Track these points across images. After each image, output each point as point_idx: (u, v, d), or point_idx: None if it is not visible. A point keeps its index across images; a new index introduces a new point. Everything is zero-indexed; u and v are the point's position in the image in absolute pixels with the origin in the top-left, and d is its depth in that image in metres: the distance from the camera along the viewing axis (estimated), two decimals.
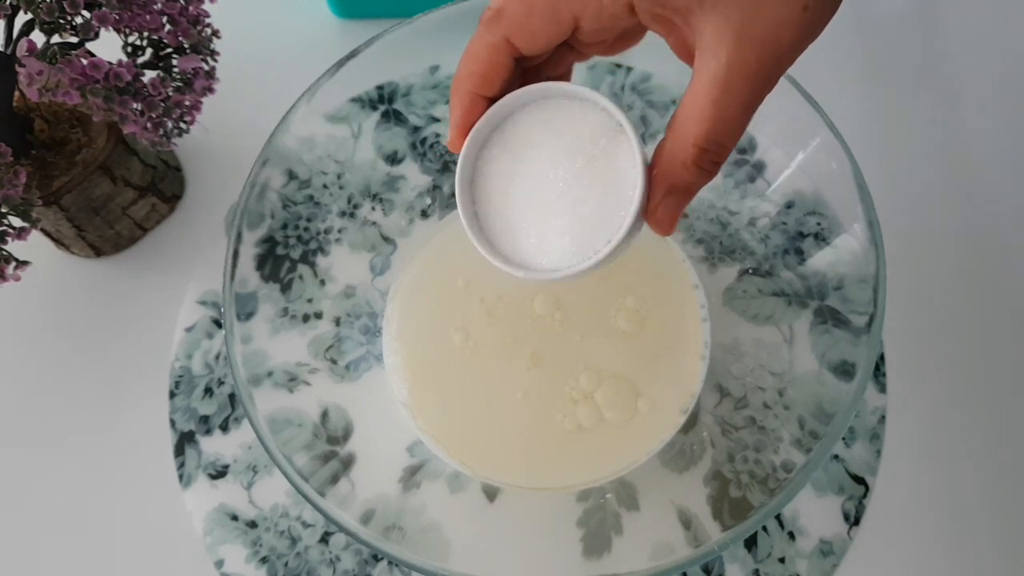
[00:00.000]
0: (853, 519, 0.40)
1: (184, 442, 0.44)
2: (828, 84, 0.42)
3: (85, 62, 0.37)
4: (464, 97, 0.28)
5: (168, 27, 0.39)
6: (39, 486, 0.44)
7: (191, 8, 0.39)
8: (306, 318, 0.43)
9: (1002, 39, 0.54)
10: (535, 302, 0.43)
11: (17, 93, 0.41)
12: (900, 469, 0.42)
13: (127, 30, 0.38)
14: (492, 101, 0.28)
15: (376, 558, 0.41)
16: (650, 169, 0.26)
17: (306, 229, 0.45)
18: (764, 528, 0.40)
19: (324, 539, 0.41)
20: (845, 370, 0.37)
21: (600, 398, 0.41)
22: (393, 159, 0.47)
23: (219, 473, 0.43)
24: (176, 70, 0.40)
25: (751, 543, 0.40)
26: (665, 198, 0.25)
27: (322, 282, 0.44)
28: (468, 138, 0.28)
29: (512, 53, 0.26)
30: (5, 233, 0.38)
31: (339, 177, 0.46)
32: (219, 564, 0.41)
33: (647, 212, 0.26)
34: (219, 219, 0.50)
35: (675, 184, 0.25)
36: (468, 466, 0.40)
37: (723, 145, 0.24)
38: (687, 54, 0.25)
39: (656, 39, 0.27)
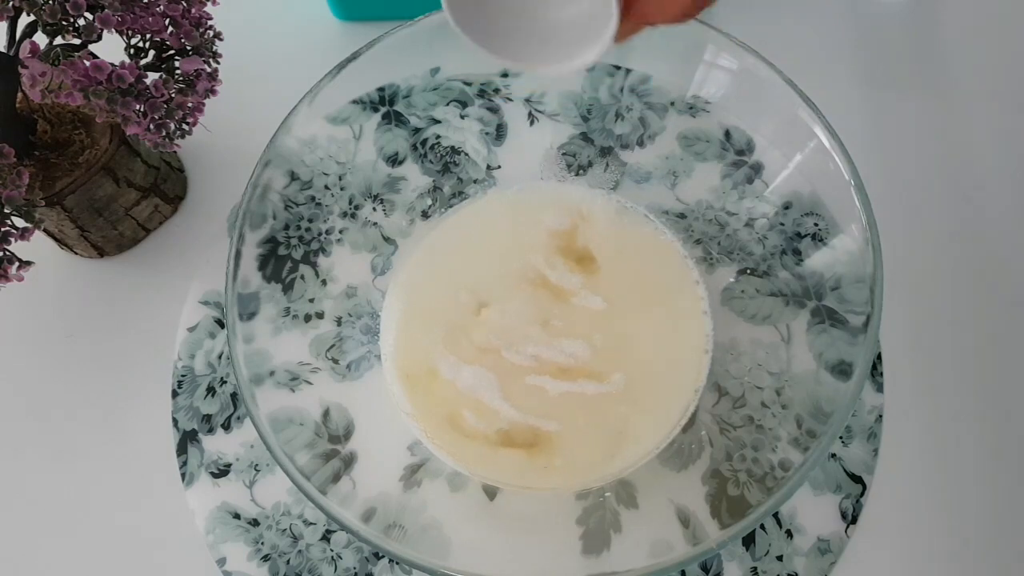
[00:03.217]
0: (851, 517, 0.41)
1: (186, 441, 0.44)
2: (826, 85, 0.42)
3: (88, 64, 0.37)
4: None
5: (170, 29, 0.39)
6: (42, 484, 0.44)
7: (193, 10, 0.40)
8: (308, 318, 0.43)
9: (1001, 39, 0.54)
10: (533, 299, 0.43)
11: (20, 95, 0.41)
12: (897, 468, 0.42)
13: (130, 32, 0.39)
14: None
15: (377, 556, 0.41)
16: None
17: (308, 230, 0.45)
18: (762, 526, 0.41)
19: (325, 537, 0.42)
20: (842, 370, 0.37)
21: (603, 396, 0.41)
22: (394, 160, 0.47)
23: (221, 472, 0.43)
24: (178, 72, 0.40)
25: (749, 541, 0.41)
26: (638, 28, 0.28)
27: (323, 282, 0.45)
28: None
29: None
30: (8, 234, 0.38)
31: (340, 178, 0.46)
32: (221, 562, 0.41)
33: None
34: (221, 220, 0.50)
35: (651, 23, 0.28)
36: (466, 466, 0.41)
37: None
38: None
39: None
